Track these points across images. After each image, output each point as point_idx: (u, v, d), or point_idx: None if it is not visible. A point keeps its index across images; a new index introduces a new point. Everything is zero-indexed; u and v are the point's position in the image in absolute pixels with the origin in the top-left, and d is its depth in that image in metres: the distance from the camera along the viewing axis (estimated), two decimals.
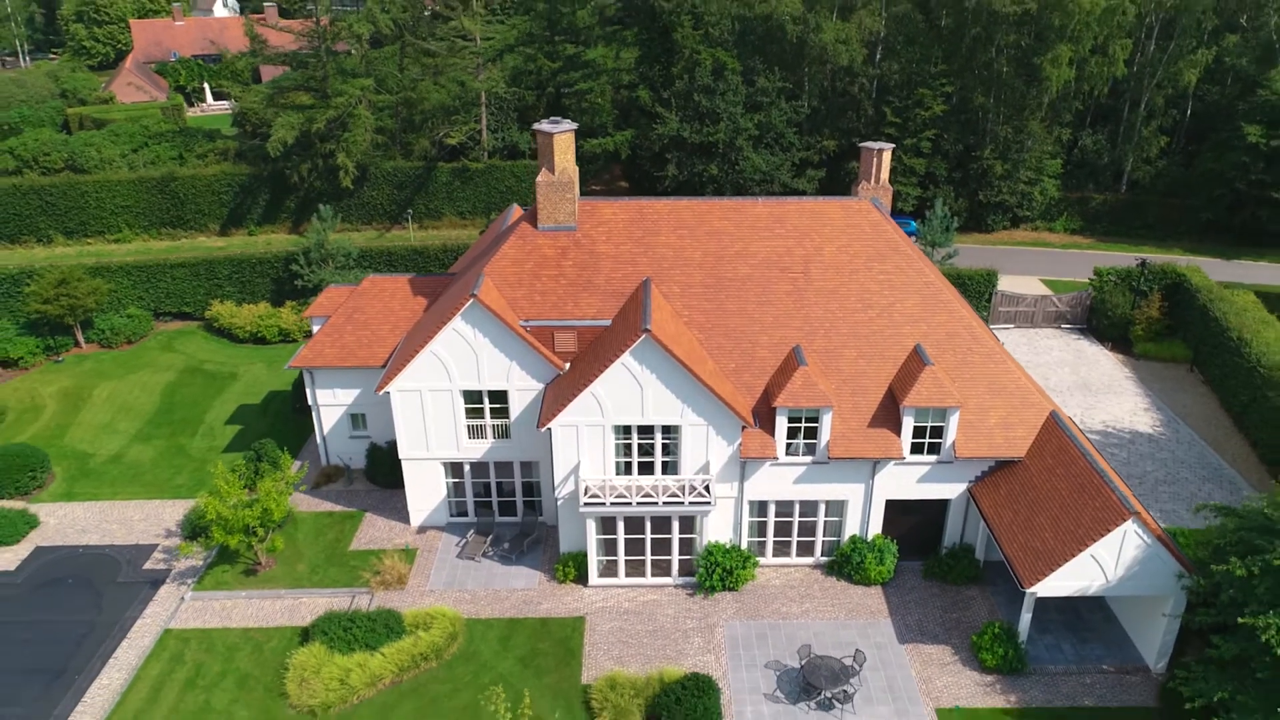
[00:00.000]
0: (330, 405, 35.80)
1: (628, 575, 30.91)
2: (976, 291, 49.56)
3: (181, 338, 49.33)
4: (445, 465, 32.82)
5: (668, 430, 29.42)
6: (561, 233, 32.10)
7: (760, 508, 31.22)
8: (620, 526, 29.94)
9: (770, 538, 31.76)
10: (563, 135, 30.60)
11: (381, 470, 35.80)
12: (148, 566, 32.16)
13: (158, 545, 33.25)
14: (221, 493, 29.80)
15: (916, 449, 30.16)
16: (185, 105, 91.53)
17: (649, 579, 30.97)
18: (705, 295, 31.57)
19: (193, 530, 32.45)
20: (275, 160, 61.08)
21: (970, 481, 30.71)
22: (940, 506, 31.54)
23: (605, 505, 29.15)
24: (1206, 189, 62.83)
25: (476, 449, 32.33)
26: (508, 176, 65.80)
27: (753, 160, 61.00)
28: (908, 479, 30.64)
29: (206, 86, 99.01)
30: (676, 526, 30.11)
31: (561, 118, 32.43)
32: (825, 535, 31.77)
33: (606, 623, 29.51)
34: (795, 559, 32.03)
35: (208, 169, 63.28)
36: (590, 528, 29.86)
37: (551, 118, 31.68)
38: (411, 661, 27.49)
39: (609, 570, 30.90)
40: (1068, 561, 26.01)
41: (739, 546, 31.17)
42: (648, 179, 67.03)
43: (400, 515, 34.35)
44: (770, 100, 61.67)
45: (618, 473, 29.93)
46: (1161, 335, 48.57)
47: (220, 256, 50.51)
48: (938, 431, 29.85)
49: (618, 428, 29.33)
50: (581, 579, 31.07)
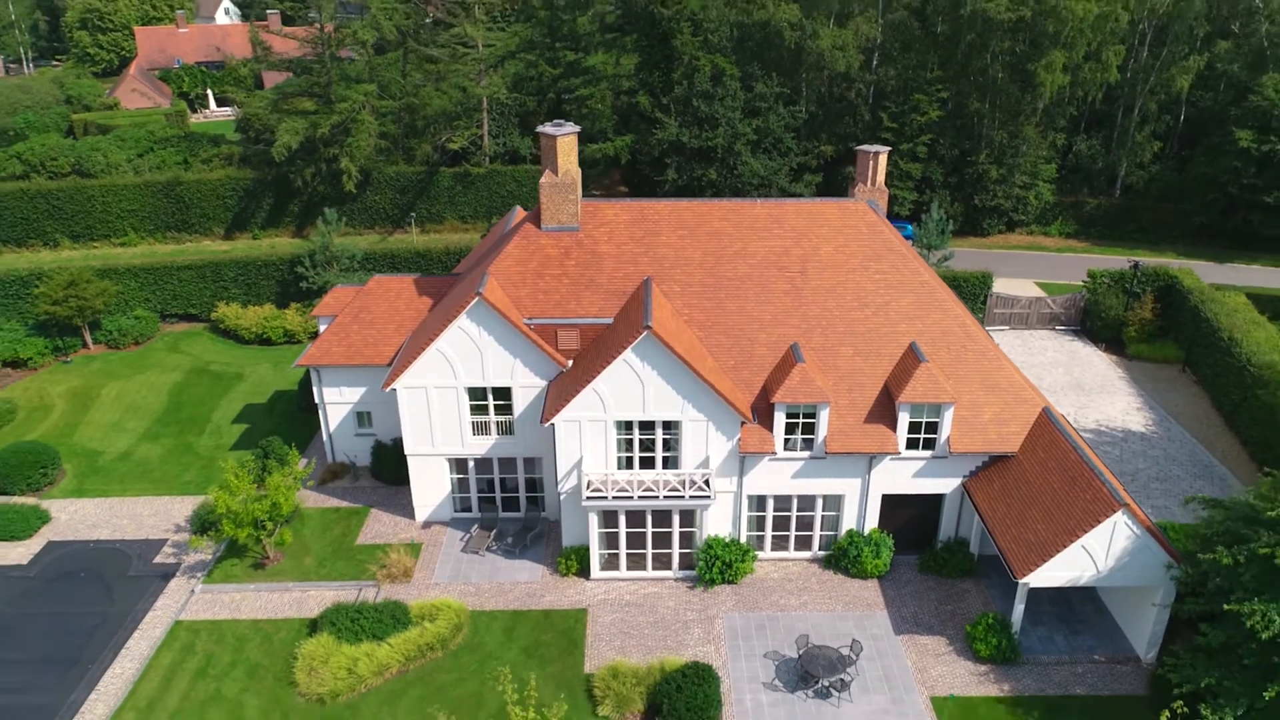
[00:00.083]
0: (336, 403, 36.42)
1: (629, 568, 31.50)
2: (972, 293, 50.22)
3: (188, 339, 49.99)
4: (450, 461, 33.44)
5: (668, 426, 30.06)
6: (564, 233, 32.79)
7: (759, 502, 31.84)
8: (622, 520, 30.55)
9: (769, 532, 32.36)
10: (566, 138, 31.30)
11: (387, 467, 36.42)
12: (158, 561, 32.76)
13: (167, 540, 33.86)
14: (231, 487, 30.41)
15: (912, 444, 30.80)
16: (189, 111, 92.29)
17: (650, 572, 31.55)
18: (705, 294, 32.25)
19: (202, 525, 33.04)
20: (279, 165, 61.81)
21: (965, 476, 31.34)
22: (935, 501, 32.15)
23: (607, 499, 29.77)
24: (1199, 193, 63.61)
25: (480, 445, 32.96)
26: (509, 181, 66.56)
27: (751, 165, 61.75)
28: (903, 474, 31.27)
29: (209, 93, 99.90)
30: (677, 520, 30.74)
31: (564, 121, 33.13)
32: (823, 529, 32.38)
33: (608, 614, 30.10)
34: (793, 553, 32.64)
35: (212, 173, 64.01)
36: (592, 521, 30.46)
37: (555, 120, 32.40)
38: (418, 651, 28.08)
39: (611, 564, 31.50)
40: (1059, 552, 26.62)
41: (738, 540, 31.77)
42: (647, 183, 67.74)
43: (405, 511, 34.95)
44: (768, 105, 62.45)
45: (619, 467, 30.55)
46: (1154, 336, 49.25)
47: (226, 259, 51.21)
48: (932, 427, 30.49)
49: (619, 423, 29.97)
50: (584, 572, 31.64)
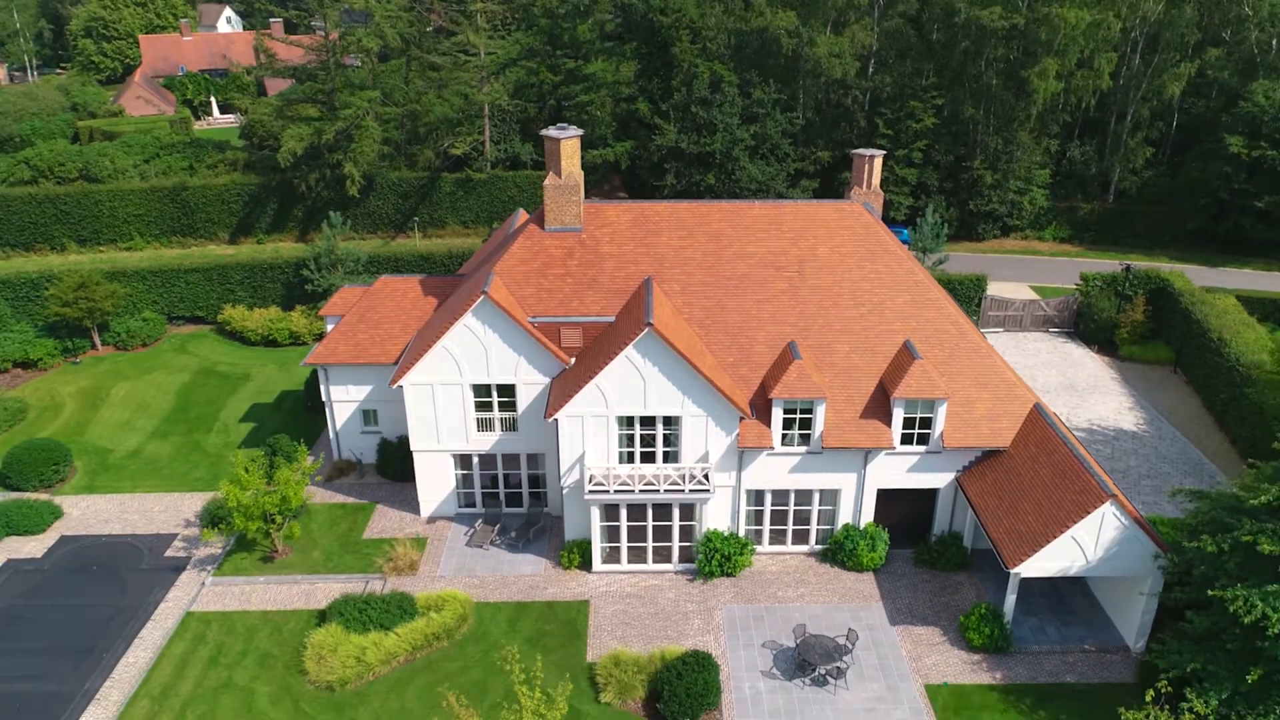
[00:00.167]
0: (343, 401, 37.16)
1: (630, 561, 32.20)
2: (966, 296, 51.02)
3: (195, 340, 50.75)
4: (455, 457, 34.16)
5: (669, 421, 30.79)
6: (567, 234, 33.60)
7: (757, 496, 32.57)
8: (623, 514, 31.27)
9: (767, 526, 33.08)
10: (569, 141, 32.13)
11: (392, 464, 37.16)
12: (169, 554, 33.46)
13: (177, 535, 34.55)
14: (242, 481, 31.12)
15: (906, 440, 31.56)
16: (192, 118, 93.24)
17: (650, 565, 32.26)
18: (704, 293, 33.05)
19: (212, 519, 33.71)
20: (284, 170, 62.67)
21: (958, 471, 32.09)
22: (930, 496, 32.88)
23: (609, 493, 30.50)
24: (1191, 198, 64.52)
25: (485, 441, 33.69)
26: (510, 187, 67.44)
27: (749, 170, 62.65)
28: (898, 469, 32.01)
29: (213, 100, 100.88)
30: (677, 514, 31.46)
31: (567, 125, 33.98)
32: (819, 524, 33.10)
33: (610, 606, 30.80)
34: (791, 547, 33.35)
35: (218, 179, 64.87)
36: (594, 515, 31.16)
37: (559, 124, 33.22)
38: (424, 641, 28.76)
39: (612, 557, 32.20)
40: (1049, 543, 27.37)
41: (737, 534, 32.48)
42: (647, 189, 68.63)
43: (410, 507, 35.65)
44: (766, 112, 63.40)
45: (621, 462, 31.27)
46: (1146, 338, 50.06)
47: (232, 262, 51.99)
48: (926, 423, 31.26)
49: (621, 418, 30.70)
50: (586, 565, 32.34)
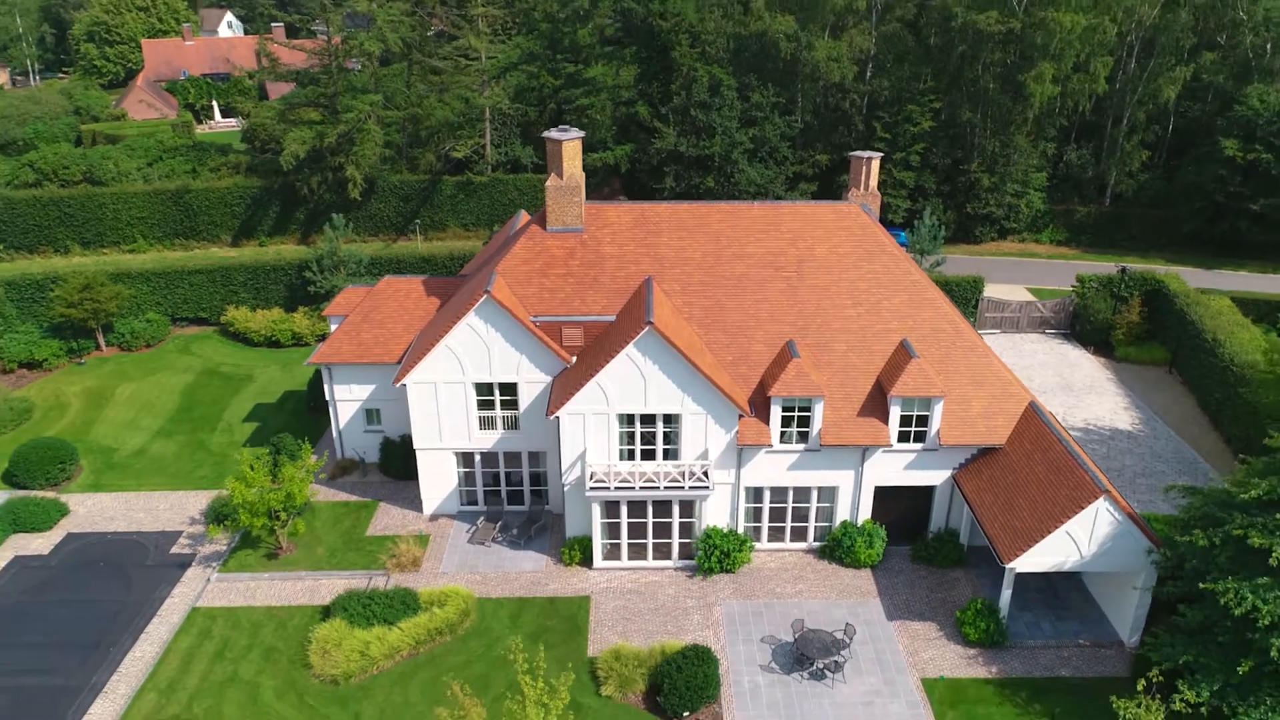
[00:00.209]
0: (346, 401, 37.55)
1: (630, 558, 32.58)
2: (963, 298, 51.48)
3: (198, 341, 51.16)
4: (457, 455, 34.54)
5: (669, 419, 31.19)
6: (569, 234, 34.04)
7: (756, 494, 32.95)
8: (623, 511, 31.65)
9: (765, 523, 33.46)
10: (571, 142, 32.59)
11: (395, 463, 37.54)
12: (174, 551, 33.83)
13: (183, 532, 34.92)
14: (248, 478, 31.51)
15: (903, 437, 31.96)
16: (195, 122, 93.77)
17: (650, 562, 32.64)
18: (704, 293, 33.48)
19: (217, 516, 34.09)
20: (286, 173, 63.10)
21: (954, 468, 32.48)
22: (926, 493, 33.29)
23: (610, 489, 30.89)
24: (1187, 201, 65.01)
25: (487, 439, 34.09)
26: (510, 190, 67.88)
27: (748, 173, 63.15)
28: (895, 466, 32.41)
29: (215, 104, 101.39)
30: (677, 511, 31.85)
31: (569, 127, 34.43)
32: (817, 521, 33.48)
33: (610, 601, 31.18)
34: (789, 544, 33.73)
35: (220, 182, 65.32)
36: (595, 512, 31.54)
37: (560, 126, 33.68)
38: (427, 635, 29.14)
39: (613, 553, 32.58)
40: (1044, 538, 27.75)
41: (736, 531, 32.88)
42: (646, 192, 69.10)
43: (413, 504, 36.04)
44: (764, 115, 63.91)
45: (621, 459, 31.66)
46: (1141, 339, 50.51)
47: (235, 264, 52.42)
48: (923, 420, 31.66)
49: (622, 416, 31.09)
50: (586, 562, 32.72)
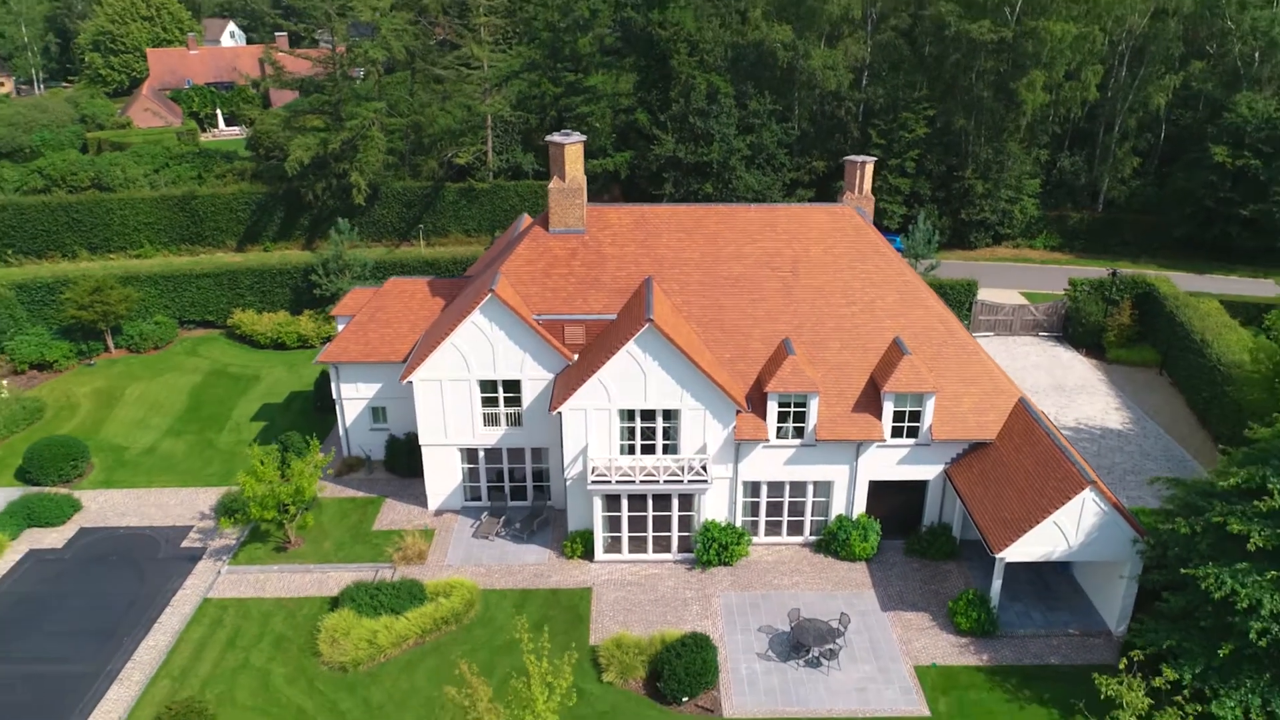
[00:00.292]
0: (353, 399, 38.39)
1: (631, 551, 33.38)
2: (957, 301, 52.40)
3: (205, 343, 52.03)
4: (461, 451, 35.38)
5: (668, 414, 32.06)
6: (571, 235, 34.97)
7: (753, 488, 33.78)
8: (624, 504, 32.49)
9: (763, 517, 34.27)
10: (573, 146, 33.54)
11: (400, 460, 38.36)
12: (185, 545, 34.62)
13: (193, 527, 35.72)
14: (258, 473, 32.33)
15: (896, 432, 32.82)
16: (199, 130, 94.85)
17: (650, 555, 33.45)
18: (702, 292, 34.39)
19: (227, 511, 34.90)
20: (290, 180, 64.03)
21: (947, 463, 33.34)
22: (920, 488, 34.11)
23: (611, 483, 31.74)
24: (1178, 207, 66.02)
25: (491, 436, 34.93)
26: (512, 196, 68.78)
27: (745, 179, 64.15)
28: (889, 461, 33.27)
29: (219, 112, 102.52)
30: (676, 504, 32.68)
31: (572, 131, 35.41)
32: (813, 515, 34.29)
33: (612, 593, 31.98)
34: (786, 538, 34.55)
35: (226, 188, 66.27)
36: (597, 505, 32.37)
37: (563, 130, 34.66)
38: (433, 625, 29.93)
39: (613, 546, 33.39)
40: (1033, 528, 28.60)
41: (733, 524, 33.69)
42: (646, 197, 70.03)
43: (418, 500, 36.85)
44: (762, 122, 64.98)
45: (622, 453, 32.52)
46: (1133, 341, 51.42)
47: (241, 267, 53.29)
48: (916, 416, 32.53)
49: (622, 412, 31.96)
50: (588, 555, 33.52)
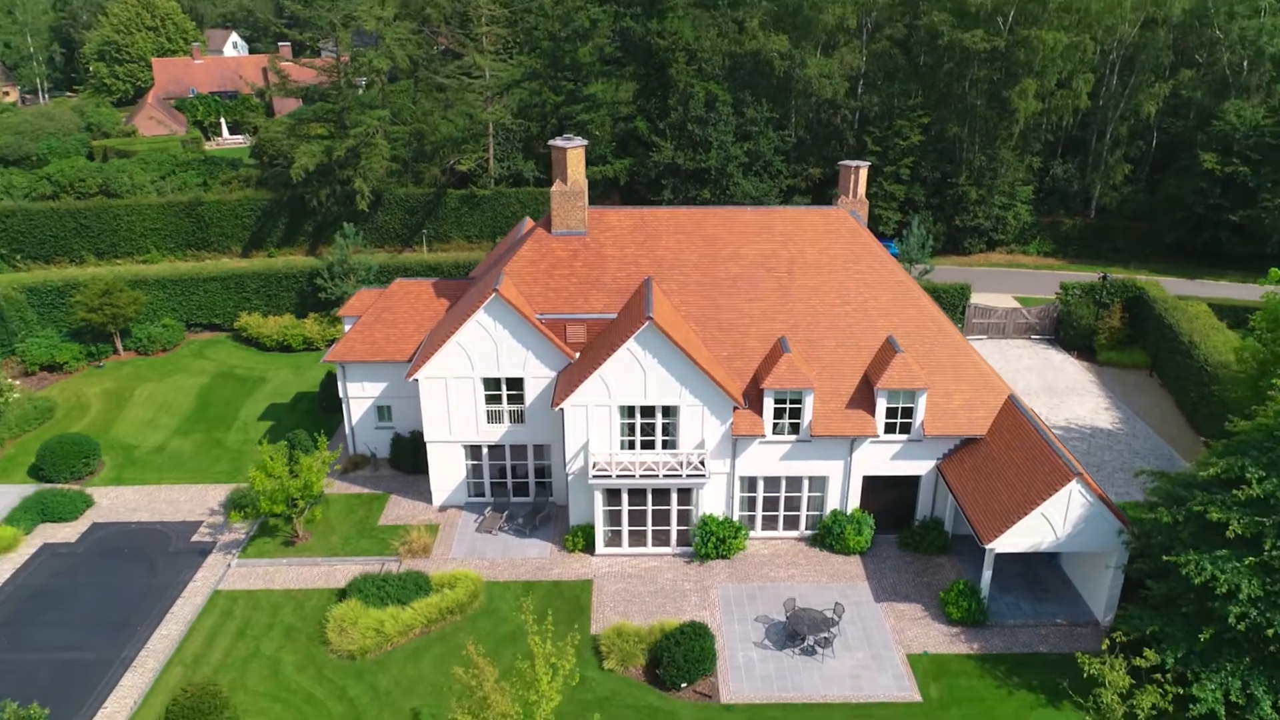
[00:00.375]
0: (359, 398, 39.27)
1: (631, 545, 34.22)
2: (951, 304, 53.34)
3: (212, 346, 52.94)
4: (465, 448, 36.24)
5: (667, 410, 32.94)
6: (573, 237, 35.92)
7: (750, 483, 34.64)
8: (624, 499, 33.35)
9: (759, 512, 35.13)
10: (574, 150, 34.53)
11: (405, 458, 39.22)
12: (195, 539, 35.46)
13: (203, 522, 36.55)
14: (268, 468, 33.18)
15: (889, 428, 33.72)
16: (203, 139, 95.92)
17: (650, 548, 34.29)
18: (700, 292, 35.33)
19: (236, 506, 35.70)
20: (295, 186, 65.03)
21: (939, 459, 34.22)
22: (913, 483, 34.97)
23: (611, 477, 32.60)
24: (1169, 213, 67.11)
25: (494, 433, 35.80)
26: (513, 203, 69.80)
27: (743, 186, 65.20)
28: (883, 456, 34.14)
29: (223, 121, 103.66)
30: (675, 499, 33.54)
31: (574, 135, 36.39)
32: (809, 510, 35.16)
33: (612, 585, 32.81)
34: (782, 532, 35.40)
35: (231, 194, 67.25)
36: (597, 500, 33.22)
37: (565, 134, 35.65)
38: (439, 614, 30.75)
39: (614, 540, 34.23)
40: (1021, 519, 29.44)
41: (731, 519, 34.53)
42: (645, 204, 70.45)
43: (422, 496, 37.68)
44: (759, 130, 66.08)
45: (622, 449, 33.38)
46: (1123, 343, 52.38)
47: (248, 271, 54.25)
48: (908, 412, 33.44)
49: (623, 408, 32.83)
50: (589, 548, 34.35)
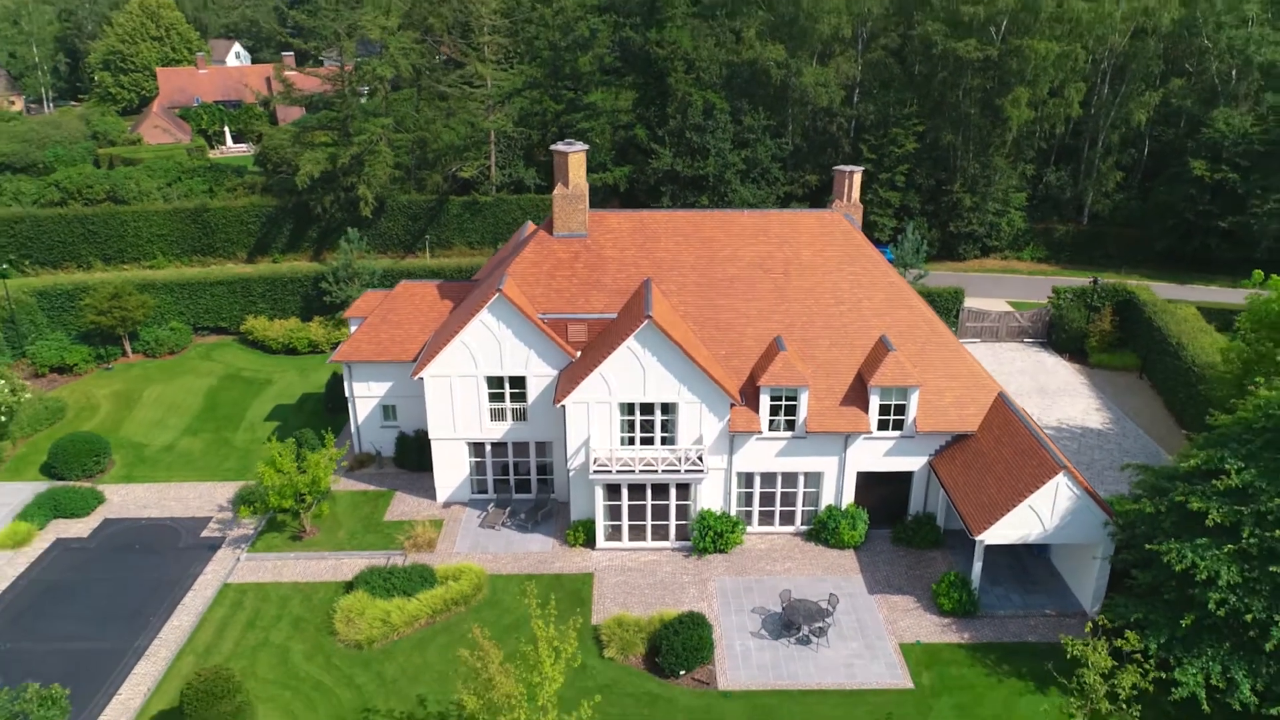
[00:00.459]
0: (365, 397, 40.12)
1: (631, 539, 35.06)
2: (945, 308, 54.29)
3: (219, 349, 53.84)
4: (469, 445, 37.10)
5: (666, 407, 33.81)
6: (574, 239, 36.88)
7: (747, 479, 35.49)
8: (624, 494, 34.19)
9: (756, 507, 35.97)
10: (576, 154, 35.51)
11: (409, 456, 40.09)
12: (204, 534, 36.27)
13: (212, 518, 37.37)
14: (277, 463, 34.04)
15: (883, 425, 34.59)
16: (207, 147, 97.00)
17: (649, 543, 35.12)
18: (698, 293, 36.26)
19: (245, 502, 36.55)
20: (300, 193, 65.98)
21: (930, 455, 35.10)
22: (906, 479, 35.84)
23: (611, 473, 33.46)
24: (1160, 220, 68.13)
25: (497, 430, 36.66)
26: (514, 209, 70.73)
27: (740, 192, 66.23)
28: (876, 452, 35.01)
29: (226, 129, 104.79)
30: (674, 494, 34.39)
31: (575, 140, 37.37)
32: (804, 505, 36.01)
33: (612, 577, 33.64)
34: (778, 527, 36.24)
35: (237, 201, 68.20)
36: (598, 495, 34.07)
37: (566, 139, 36.64)
38: (444, 605, 31.57)
39: (614, 535, 35.07)
40: (1010, 511, 30.32)
41: (728, 514, 35.38)
42: (644, 209, 72.01)
43: (427, 493, 38.52)
44: (756, 137, 67.15)
45: (622, 445, 34.25)
46: (1114, 346, 53.32)
47: (254, 276, 55.19)
48: (901, 409, 34.32)
49: (623, 405, 33.71)
50: (590, 543, 35.17)
